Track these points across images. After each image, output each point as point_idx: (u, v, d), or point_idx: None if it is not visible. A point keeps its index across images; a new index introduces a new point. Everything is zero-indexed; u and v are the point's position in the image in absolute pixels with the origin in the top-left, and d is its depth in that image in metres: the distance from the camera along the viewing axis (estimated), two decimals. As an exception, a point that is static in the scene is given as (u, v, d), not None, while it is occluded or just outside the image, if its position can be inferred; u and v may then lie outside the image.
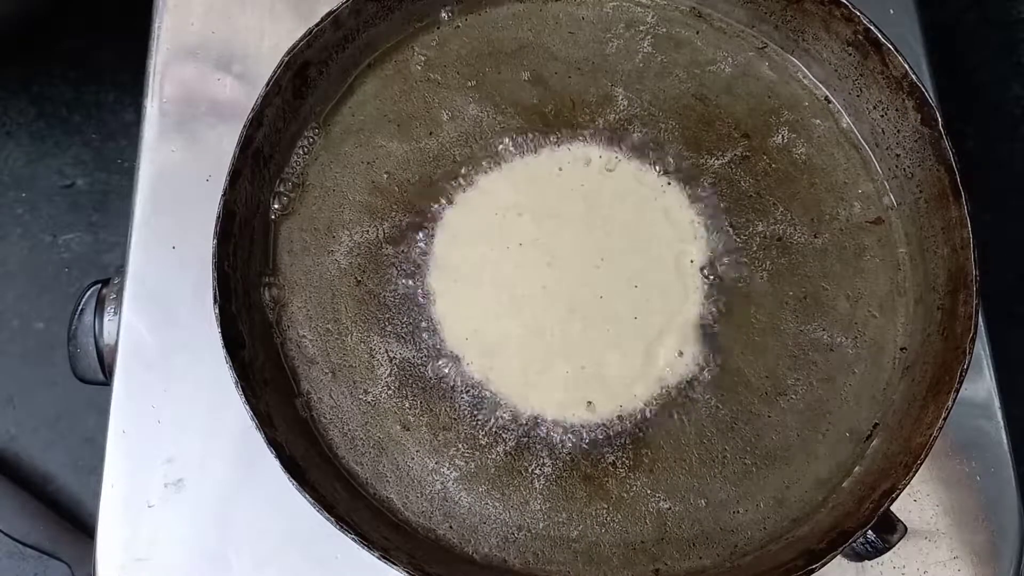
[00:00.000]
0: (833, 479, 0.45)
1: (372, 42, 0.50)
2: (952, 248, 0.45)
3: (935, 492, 0.50)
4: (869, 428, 0.45)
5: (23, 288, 0.91)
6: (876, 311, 0.47)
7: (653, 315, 0.46)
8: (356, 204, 0.48)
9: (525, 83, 0.50)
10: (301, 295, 0.46)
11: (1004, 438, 0.51)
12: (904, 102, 0.47)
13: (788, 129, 0.50)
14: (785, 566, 0.41)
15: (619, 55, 0.51)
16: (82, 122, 0.95)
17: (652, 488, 0.44)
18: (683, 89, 0.50)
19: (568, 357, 0.45)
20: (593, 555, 0.43)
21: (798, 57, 0.51)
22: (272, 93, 0.45)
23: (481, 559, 0.43)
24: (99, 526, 0.47)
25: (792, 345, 0.47)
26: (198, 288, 0.50)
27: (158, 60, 0.55)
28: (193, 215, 0.51)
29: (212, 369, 0.48)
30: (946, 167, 0.46)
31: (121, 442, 0.48)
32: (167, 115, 0.54)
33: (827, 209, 0.49)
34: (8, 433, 0.87)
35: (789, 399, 0.46)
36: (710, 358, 0.46)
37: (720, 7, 0.51)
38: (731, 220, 0.48)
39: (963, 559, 0.49)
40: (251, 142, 0.45)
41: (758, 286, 0.47)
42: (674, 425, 0.45)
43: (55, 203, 0.93)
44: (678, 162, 0.49)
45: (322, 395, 0.45)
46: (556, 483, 0.44)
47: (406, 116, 0.49)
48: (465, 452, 0.44)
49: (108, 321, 0.51)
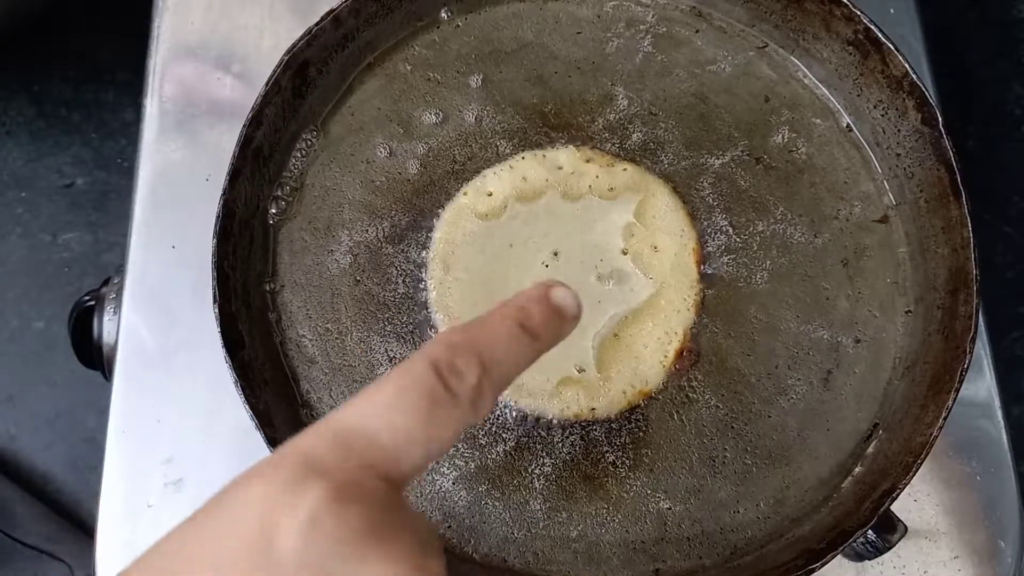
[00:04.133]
0: (833, 479, 0.45)
1: (372, 41, 0.50)
2: (952, 248, 0.45)
3: (935, 492, 0.50)
4: (869, 428, 0.45)
5: (23, 288, 0.91)
6: (876, 311, 0.47)
7: (653, 315, 0.46)
8: (356, 204, 0.48)
9: (525, 83, 0.50)
10: (301, 295, 0.46)
11: (1004, 438, 0.51)
12: (904, 102, 0.47)
13: (788, 129, 0.50)
14: (785, 566, 0.41)
15: (619, 54, 0.51)
16: (82, 121, 0.95)
17: (652, 488, 0.44)
18: (683, 88, 0.50)
19: (568, 357, 0.45)
20: (593, 555, 0.43)
21: (798, 57, 0.51)
22: (272, 92, 0.45)
23: (481, 559, 0.43)
24: (99, 526, 0.47)
25: (792, 345, 0.47)
26: (198, 288, 0.50)
27: (158, 60, 0.55)
28: (193, 215, 0.52)
29: (212, 369, 0.48)
30: (946, 167, 0.46)
31: (121, 442, 0.49)
32: (167, 114, 0.54)
33: (827, 209, 0.49)
34: (8, 433, 0.87)
35: (789, 399, 0.46)
36: (710, 358, 0.46)
37: (720, 6, 0.51)
38: (731, 220, 0.48)
39: (963, 559, 0.49)
40: (251, 141, 0.45)
41: (758, 286, 0.47)
42: (674, 425, 0.45)
43: (55, 203, 0.93)
44: (678, 161, 0.49)
45: (322, 395, 0.45)
46: (556, 483, 0.44)
47: (406, 115, 0.49)
48: (465, 452, 0.44)
49: (108, 321, 0.51)
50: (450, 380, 0.26)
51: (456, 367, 0.27)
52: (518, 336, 0.29)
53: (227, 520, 0.24)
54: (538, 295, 0.30)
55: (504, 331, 0.28)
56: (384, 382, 0.26)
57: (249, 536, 0.23)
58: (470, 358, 0.27)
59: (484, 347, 0.28)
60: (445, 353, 0.27)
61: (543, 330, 0.30)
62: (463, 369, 0.27)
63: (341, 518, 0.23)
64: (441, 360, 0.27)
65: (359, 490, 0.24)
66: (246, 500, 0.24)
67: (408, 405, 0.26)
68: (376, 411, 0.26)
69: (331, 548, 0.23)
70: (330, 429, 0.26)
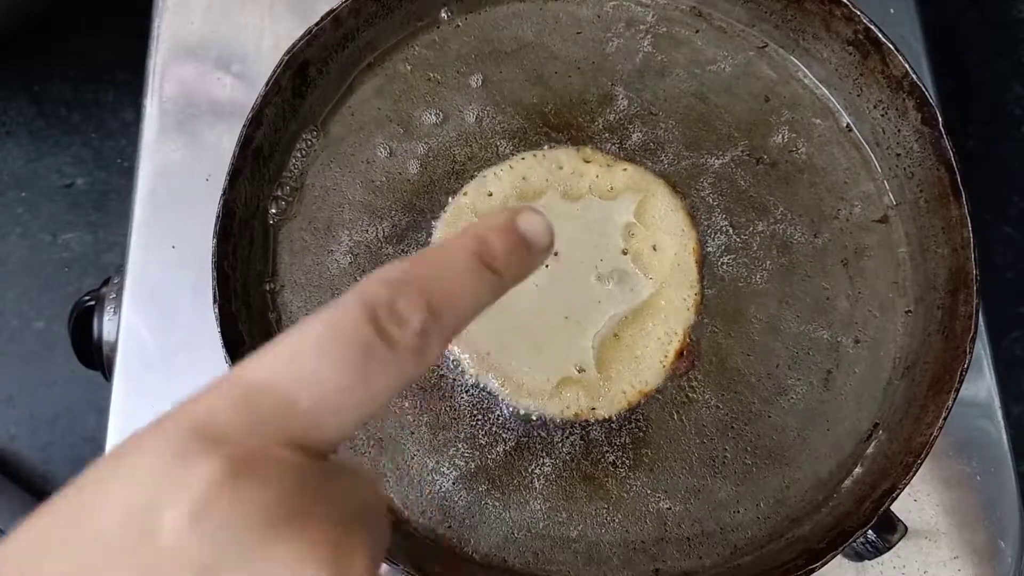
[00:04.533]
0: (833, 479, 0.45)
1: (372, 41, 0.50)
2: (952, 248, 0.45)
3: (935, 492, 0.50)
4: (869, 428, 0.45)
5: (23, 288, 0.91)
6: (876, 311, 0.47)
7: (653, 315, 0.46)
8: (356, 203, 0.48)
9: (525, 83, 0.50)
10: (301, 295, 0.46)
11: (1004, 438, 0.51)
12: (904, 101, 0.47)
13: (788, 129, 0.50)
14: (785, 566, 0.41)
15: (619, 54, 0.51)
16: (82, 121, 0.95)
17: (652, 488, 0.44)
18: (683, 88, 0.50)
19: (568, 357, 0.45)
20: (593, 555, 0.43)
21: (798, 56, 0.51)
22: (272, 92, 0.45)
23: (481, 559, 0.43)
24: (99, 526, 0.47)
25: (792, 345, 0.47)
26: (198, 288, 0.50)
27: (158, 59, 0.55)
28: (193, 215, 0.51)
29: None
30: (946, 167, 0.46)
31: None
32: (167, 114, 0.54)
33: (827, 209, 0.49)
34: (8, 433, 0.87)
35: (789, 399, 0.46)
36: (710, 358, 0.46)
37: (720, 6, 0.51)
38: (731, 220, 0.48)
39: (963, 559, 0.49)
40: (251, 141, 0.45)
41: (758, 286, 0.47)
42: (674, 425, 0.45)
43: (55, 203, 0.94)
44: (678, 161, 0.49)
45: (322, 395, 0.45)
46: (556, 483, 0.44)
47: (406, 115, 0.49)
48: (465, 452, 0.44)
49: (108, 320, 0.51)
50: (388, 326, 0.21)
51: (396, 310, 0.22)
52: (476, 271, 0.23)
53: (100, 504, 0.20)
54: (503, 223, 0.24)
55: (460, 264, 0.23)
56: (306, 327, 0.21)
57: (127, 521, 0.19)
58: (415, 299, 0.22)
59: (433, 284, 0.22)
60: (384, 292, 0.22)
61: (506, 264, 0.24)
62: (404, 313, 0.22)
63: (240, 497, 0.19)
64: (379, 301, 0.22)
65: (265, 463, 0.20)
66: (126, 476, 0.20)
67: (335, 358, 0.21)
68: (294, 364, 0.21)
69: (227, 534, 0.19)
70: (235, 386, 0.21)
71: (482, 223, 0.24)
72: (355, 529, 0.21)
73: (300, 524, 0.19)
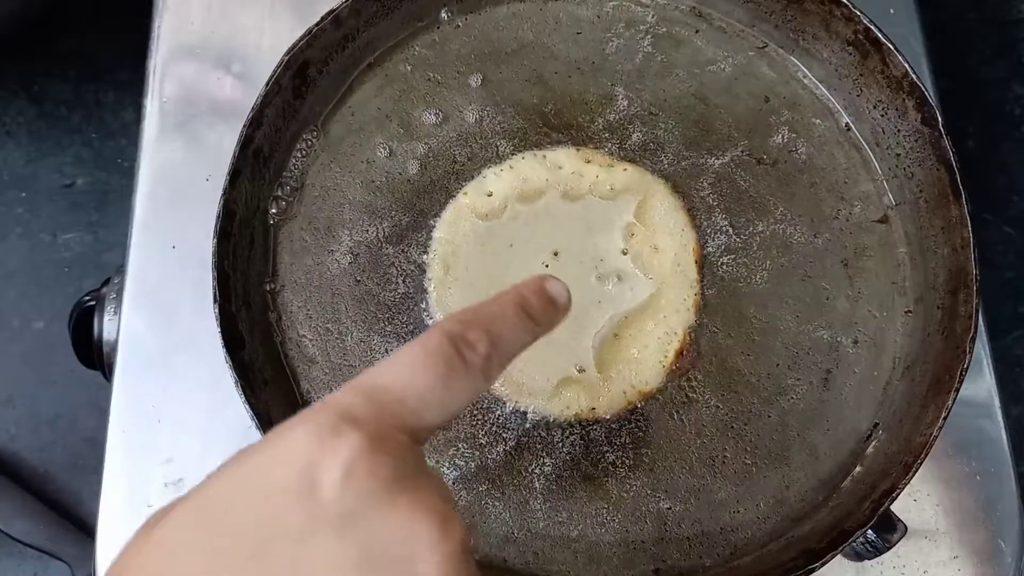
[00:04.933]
0: (833, 479, 0.45)
1: (372, 42, 0.50)
2: (952, 248, 0.46)
3: (935, 492, 0.50)
4: (869, 428, 0.45)
5: (23, 288, 0.91)
6: (876, 311, 0.47)
7: (653, 315, 0.46)
8: (356, 204, 0.48)
9: (525, 83, 0.50)
10: (301, 295, 0.46)
11: (1004, 438, 0.51)
12: (904, 102, 0.47)
13: (788, 129, 0.50)
14: (785, 566, 0.41)
15: (619, 55, 0.51)
16: (82, 122, 0.95)
17: (652, 488, 0.44)
18: (683, 89, 0.50)
19: (568, 357, 0.45)
20: (593, 555, 0.43)
21: (798, 57, 0.51)
22: (272, 92, 0.45)
23: (481, 559, 0.43)
24: (99, 526, 0.47)
25: (792, 345, 0.47)
26: (198, 288, 0.50)
27: (158, 60, 0.55)
28: (193, 215, 0.51)
29: (212, 369, 0.48)
30: (946, 167, 0.46)
31: (121, 442, 0.48)
32: (167, 114, 0.54)
33: (827, 209, 0.49)
34: (8, 433, 0.87)
35: (789, 399, 0.46)
36: (710, 358, 0.46)
37: (720, 6, 0.51)
38: (731, 220, 0.48)
39: (963, 559, 0.49)
40: (251, 141, 0.45)
41: (758, 286, 0.47)
42: (674, 425, 0.45)
43: (55, 203, 0.93)
44: (678, 161, 0.49)
45: (322, 395, 0.45)
46: (556, 483, 0.44)
47: (406, 115, 0.49)
48: (465, 452, 0.44)
49: (108, 321, 0.51)
50: (463, 350, 0.29)
51: (468, 339, 0.30)
52: (522, 318, 0.32)
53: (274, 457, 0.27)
54: (535, 286, 0.33)
55: (510, 313, 0.32)
56: (406, 350, 0.30)
57: (297, 475, 0.26)
58: (480, 333, 0.30)
59: (491, 324, 0.31)
60: (458, 327, 0.30)
61: (541, 315, 0.33)
62: (474, 341, 0.30)
63: (375, 464, 0.26)
64: (455, 332, 0.30)
65: (390, 441, 0.27)
66: (294, 439, 0.27)
67: (429, 369, 0.29)
68: (402, 373, 0.29)
69: (367, 491, 0.25)
70: (362, 386, 0.28)
71: (520, 286, 0.33)
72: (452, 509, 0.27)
73: (415, 487, 0.26)
